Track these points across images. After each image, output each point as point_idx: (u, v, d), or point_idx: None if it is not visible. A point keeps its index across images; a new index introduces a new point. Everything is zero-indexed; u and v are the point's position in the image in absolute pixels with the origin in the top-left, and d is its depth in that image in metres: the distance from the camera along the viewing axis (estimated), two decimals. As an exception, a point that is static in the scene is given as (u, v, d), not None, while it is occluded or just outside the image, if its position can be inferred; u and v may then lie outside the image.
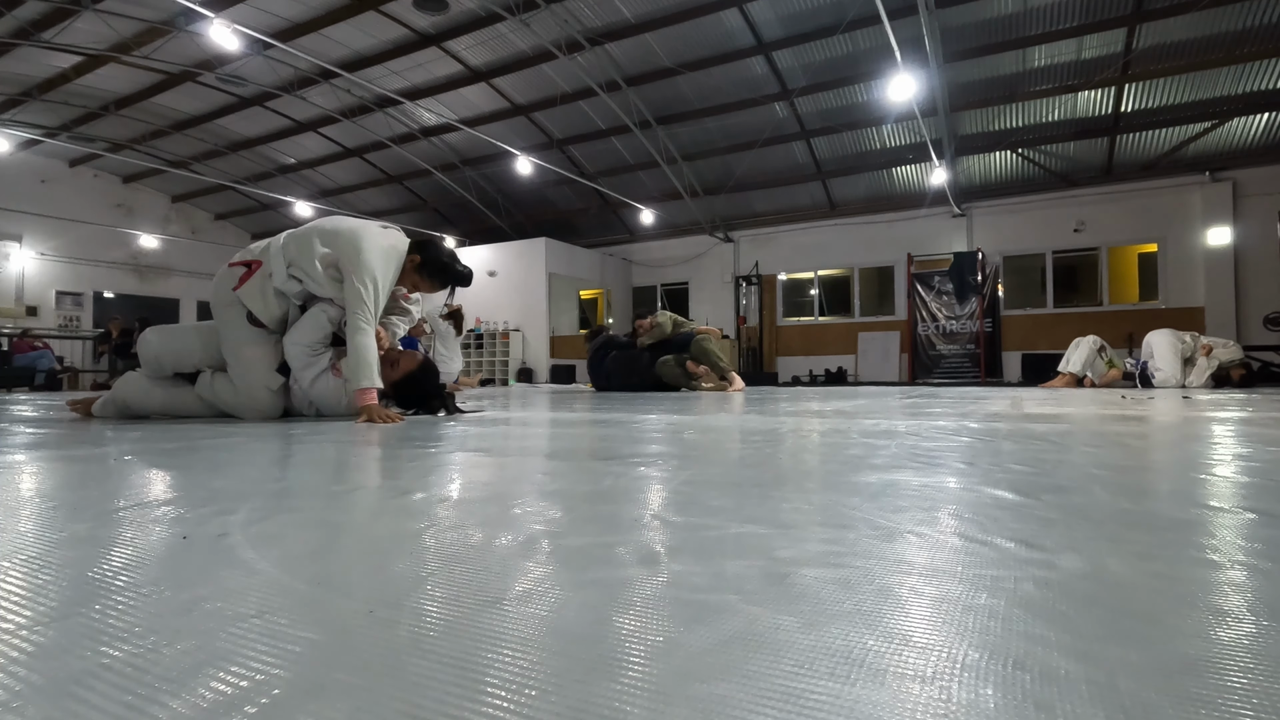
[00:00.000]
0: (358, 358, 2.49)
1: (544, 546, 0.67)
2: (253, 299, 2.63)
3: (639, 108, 11.11)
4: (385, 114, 12.14)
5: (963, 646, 0.41)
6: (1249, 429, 2.01)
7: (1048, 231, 11.47)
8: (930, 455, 1.40)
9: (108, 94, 11.74)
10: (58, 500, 0.96)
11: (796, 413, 2.92)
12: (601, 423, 2.45)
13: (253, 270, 2.65)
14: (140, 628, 0.45)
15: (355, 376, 2.49)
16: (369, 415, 2.42)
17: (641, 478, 1.14)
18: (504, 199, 14.76)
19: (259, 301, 2.64)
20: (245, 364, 2.67)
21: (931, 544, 0.68)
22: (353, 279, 2.54)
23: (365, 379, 2.48)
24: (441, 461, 1.39)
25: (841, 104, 10.77)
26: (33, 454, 1.51)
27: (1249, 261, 10.22)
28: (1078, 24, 8.76)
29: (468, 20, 9.70)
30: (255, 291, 2.64)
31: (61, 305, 14.55)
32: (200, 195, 16.26)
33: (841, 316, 13.44)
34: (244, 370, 2.68)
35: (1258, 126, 9.81)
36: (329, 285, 2.62)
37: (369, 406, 2.44)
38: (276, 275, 2.63)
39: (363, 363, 2.49)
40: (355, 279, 2.54)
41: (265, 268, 2.65)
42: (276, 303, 2.67)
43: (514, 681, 0.37)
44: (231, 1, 8.93)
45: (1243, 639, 0.43)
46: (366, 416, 2.42)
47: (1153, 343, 6.96)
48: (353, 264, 2.55)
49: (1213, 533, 0.73)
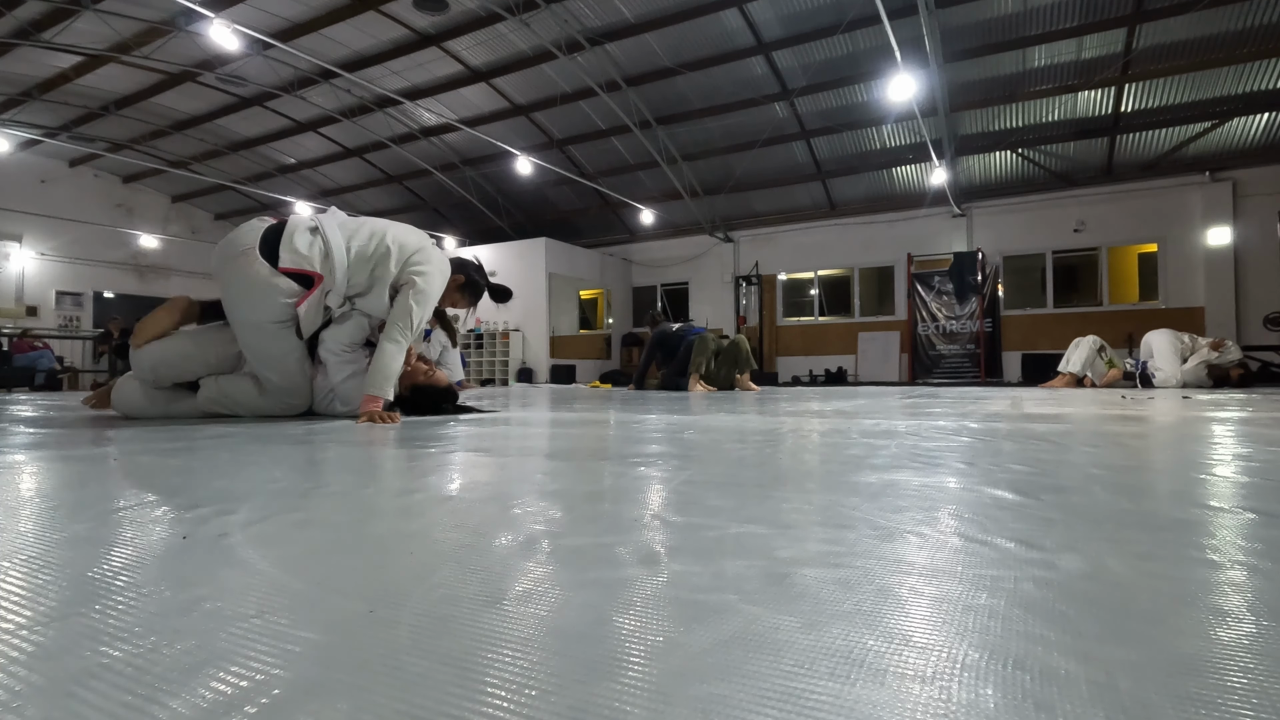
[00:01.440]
0: (384, 367, 2.48)
1: (544, 546, 0.67)
2: (308, 314, 2.50)
3: (639, 108, 11.11)
4: (385, 114, 12.14)
5: (963, 646, 0.41)
6: (1249, 429, 2.01)
7: (1048, 231, 11.47)
8: (930, 455, 1.40)
9: (108, 94, 11.74)
10: (58, 500, 0.96)
11: (796, 413, 2.92)
12: (601, 423, 2.45)
13: (314, 286, 2.48)
14: (140, 628, 0.45)
15: (374, 383, 2.47)
16: (370, 417, 2.41)
17: (641, 478, 1.14)
18: (504, 199, 14.76)
19: (312, 315, 2.52)
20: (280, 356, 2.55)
21: (931, 544, 0.68)
22: (410, 298, 2.54)
23: (381, 388, 2.47)
24: (441, 461, 1.39)
25: (841, 104, 10.77)
26: (33, 454, 1.51)
27: (1249, 261, 10.22)
28: (1078, 24, 8.76)
29: (468, 20, 9.70)
30: (313, 309, 2.51)
31: (61, 305, 14.55)
32: (200, 195, 16.26)
33: (841, 316, 13.44)
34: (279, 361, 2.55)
35: (1258, 126, 9.81)
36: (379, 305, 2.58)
37: (373, 411, 2.43)
38: (334, 296, 2.53)
39: (387, 372, 2.48)
40: (414, 298, 2.54)
41: (326, 284, 2.50)
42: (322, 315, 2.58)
43: (514, 681, 0.37)
44: (231, 1, 8.93)
45: (1243, 639, 0.43)
46: (367, 418, 2.41)
47: (1152, 342, 6.96)
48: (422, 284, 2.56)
49: (1213, 533, 0.73)
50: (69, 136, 12.92)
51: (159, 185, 15.85)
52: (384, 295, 2.59)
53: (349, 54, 10.51)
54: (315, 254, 2.48)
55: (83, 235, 14.46)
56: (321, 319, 2.58)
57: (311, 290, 2.47)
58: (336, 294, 2.53)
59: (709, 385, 6.26)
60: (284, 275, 2.43)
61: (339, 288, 2.52)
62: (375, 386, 2.46)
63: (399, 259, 2.59)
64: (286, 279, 2.43)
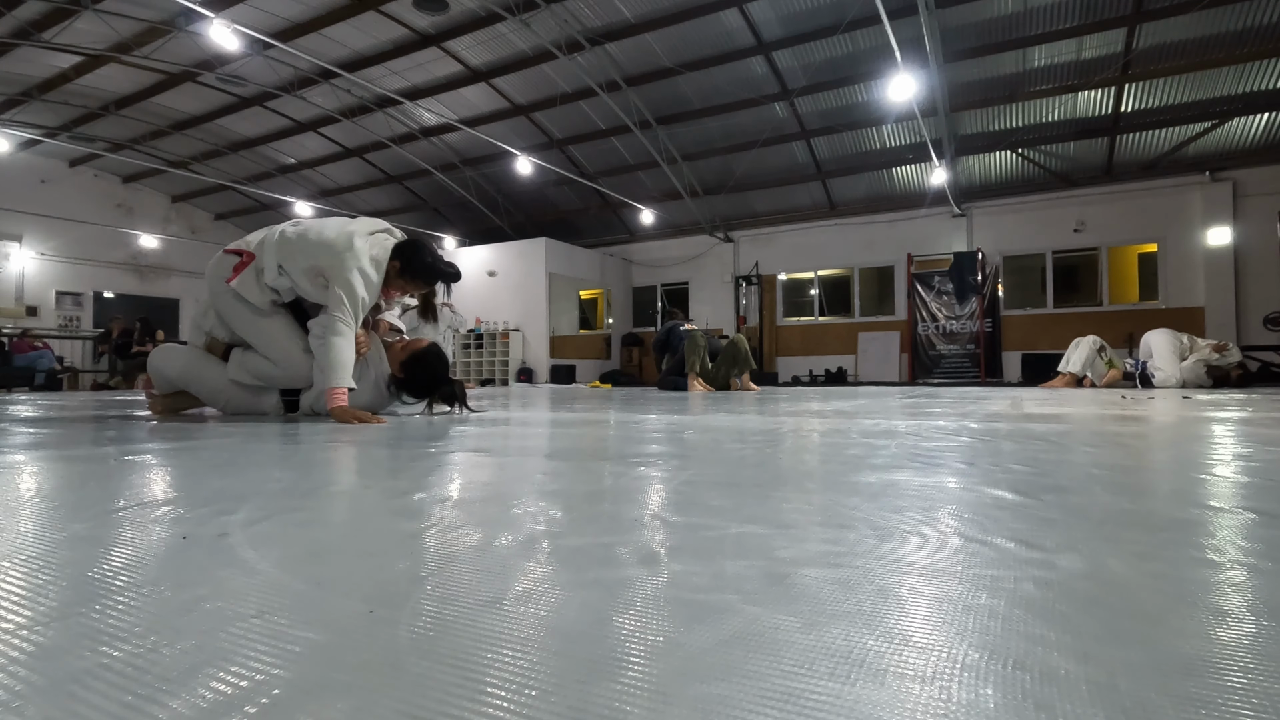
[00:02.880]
0: (332, 358, 2.49)
1: (544, 546, 0.67)
2: (248, 290, 2.68)
3: (639, 108, 11.11)
4: (385, 114, 12.14)
5: (963, 646, 0.41)
6: (1249, 429, 2.01)
7: (1048, 231, 11.48)
8: (930, 455, 1.40)
9: (108, 94, 11.74)
10: (58, 500, 0.96)
11: (796, 413, 2.92)
12: (601, 423, 2.46)
13: (245, 262, 2.69)
14: (140, 628, 0.45)
15: (329, 378, 2.48)
16: (339, 417, 2.40)
17: (641, 478, 1.14)
18: (504, 199, 14.76)
19: (254, 292, 2.69)
20: (270, 334, 2.71)
21: (931, 544, 0.68)
22: (336, 288, 2.57)
23: (337, 378, 2.47)
24: (441, 461, 1.39)
25: (841, 104, 10.77)
26: (33, 454, 1.51)
27: (1249, 261, 10.22)
28: (1078, 24, 8.76)
29: (468, 20, 9.71)
30: (250, 283, 2.68)
31: (61, 305, 14.55)
32: (200, 195, 16.26)
33: (841, 316, 13.44)
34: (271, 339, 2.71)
35: (1258, 126, 9.81)
36: (316, 293, 2.67)
37: (338, 409, 2.42)
38: (268, 272, 2.67)
39: (337, 363, 2.49)
40: (338, 287, 2.57)
41: (258, 262, 2.69)
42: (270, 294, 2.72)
43: (514, 681, 0.37)
44: (231, 1, 8.94)
45: (1243, 639, 0.43)
46: (337, 418, 2.40)
47: (1151, 342, 6.96)
48: (335, 275, 2.58)
49: (1213, 533, 0.73)
50: (69, 136, 12.92)
51: (159, 185, 15.85)
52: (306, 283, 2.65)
53: (349, 54, 10.51)
54: (255, 238, 2.77)
55: (83, 235, 14.46)
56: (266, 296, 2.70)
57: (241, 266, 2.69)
58: (270, 272, 2.66)
59: (708, 385, 6.25)
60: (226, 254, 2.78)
61: (270, 267, 2.66)
62: (331, 380, 2.48)
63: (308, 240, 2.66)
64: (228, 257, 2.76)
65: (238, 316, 2.72)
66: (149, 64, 10.55)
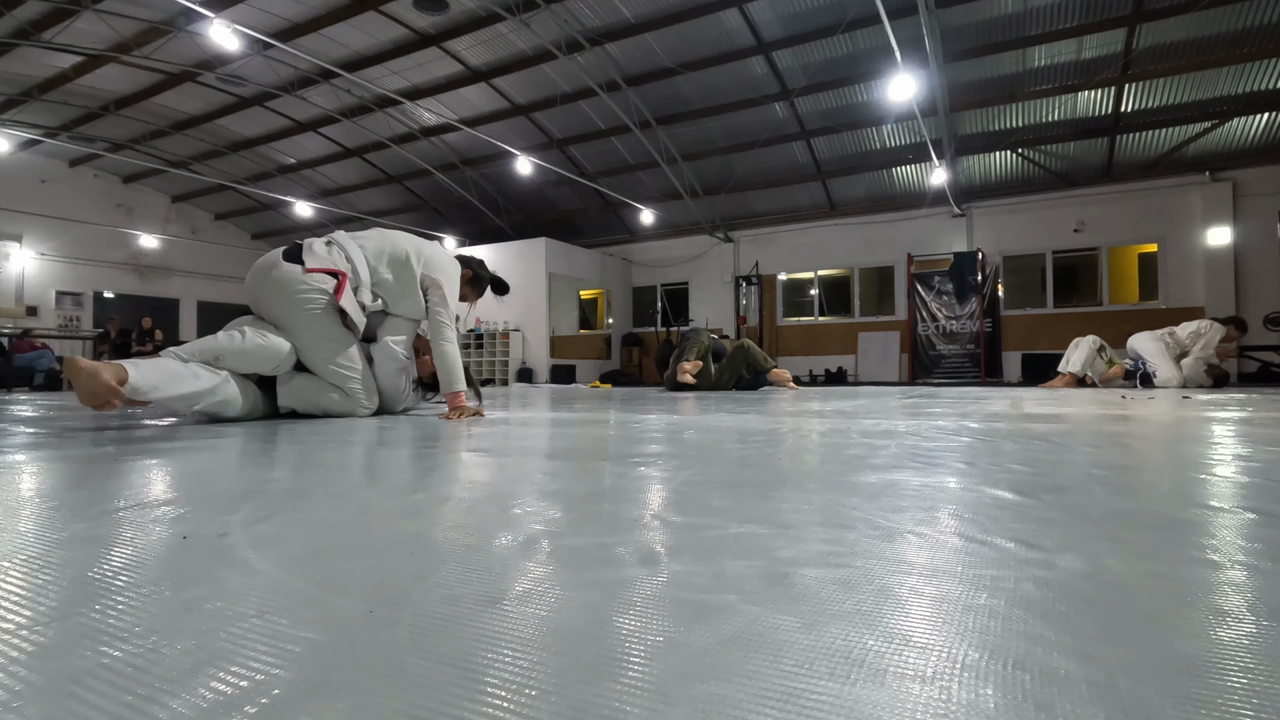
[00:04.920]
0: (450, 367, 2.83)
1: (544, 546, 0.67)
2: (351, 307, 2.70)
3: (639, 108, 11.10)
4: (385, 114, 12.14)
5: (963, 646, 0.41)
6: (1249, 429, 2.01)
7: (1048, 231, 11.47)
8: (930, 455, 1.40)
9: (108, 94, 11.74)
10: (58, 500, 0.96)
11: (796, 413, 2.92)
12: (601, 423, 2.46)
13: (343, 281, 2.67)
14: (140, 628, 0.45)
15: (450, 381, 2.81)
16: (461, 413, 2.70)
17: (641, 478, 1.14)
18: (504, 199, 14.76)
19: (353, 307, 2.72)
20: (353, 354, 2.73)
21: (931, 544, 0.68)
22: (439, 301, 2.88)
23: (459, 383, 2.83)
24: (441, 461, 1.39)
25: (841, 104, 10.77)
26: (33, 454, 1.51)
27: (1249, 261, 10.22)
28: (1078, 24, 8.76)
29: (468, 20, 9.70)
30: (351, 301, 2.71)
31: (61, 305, 14.55)
32: (200, 195, 16.26)
33: (841, 316, 13.44)
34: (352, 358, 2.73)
35: (1258, 126, 9.81)
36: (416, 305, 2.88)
37: (461, 406, 2.75)
38: (364, 292, 2.78)
39: (457, 369, 2.84)
40: (442, 300, 2.88)
41: (353, 280, 2.73)
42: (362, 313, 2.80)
43: (514, 681, 0.37)
44: (231, 1, 8.93)
45: (1243, 639, 0.43)
46: (458, 414, 2.68)
47: (1137, 347, 6.95)
48: (446, 287, 2.90)
49: (1213, 533, 0.73)
50: (69, 136, 12.91)
51: (159, 185, 15.85)
52: (418, 296, 2.88)
53: (349, 54, 10.51)
54: (337, 257, 2.76)
55: (83, 235, 14.46)
56: (363, 315, 2.78)
57: (342, 285, 2.68)
58: (365, 289, 2.78)
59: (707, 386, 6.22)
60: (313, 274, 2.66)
61: (365, 282, 2.78)
62: (451, 385, 2.81)
63: (418, 259, 2.90)
64: (317, 275, 2.65)
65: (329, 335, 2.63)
66: (149, 64, 10.55)
